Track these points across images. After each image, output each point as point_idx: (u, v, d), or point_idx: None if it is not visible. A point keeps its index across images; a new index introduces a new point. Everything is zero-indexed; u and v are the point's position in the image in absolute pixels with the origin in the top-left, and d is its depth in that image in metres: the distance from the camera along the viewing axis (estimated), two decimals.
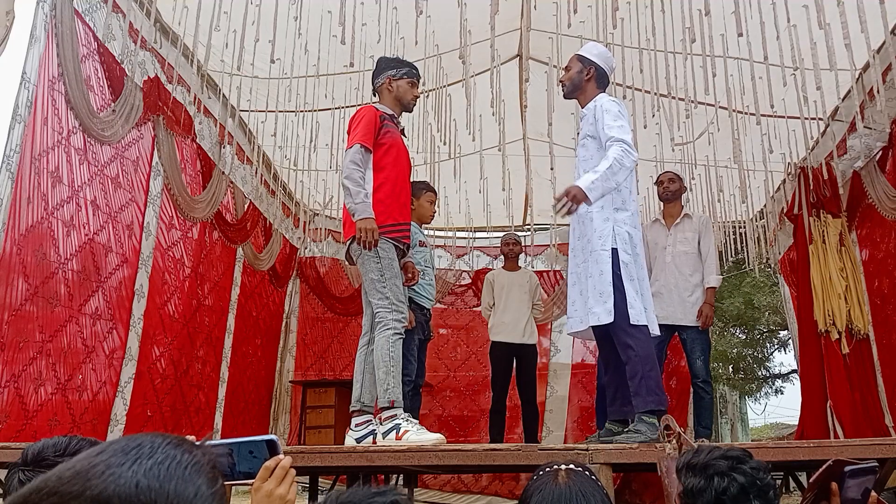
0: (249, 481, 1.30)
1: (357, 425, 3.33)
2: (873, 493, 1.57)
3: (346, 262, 3.51)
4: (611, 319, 3.22)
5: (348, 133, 3.45)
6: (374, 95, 3.67)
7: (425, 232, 4.85)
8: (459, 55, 4.33)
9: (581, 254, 3.43)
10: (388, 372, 3.18)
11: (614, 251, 3.27)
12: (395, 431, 3.07)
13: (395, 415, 3.13)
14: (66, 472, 0.76)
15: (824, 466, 1.51)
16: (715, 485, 1.46)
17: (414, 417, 4.57)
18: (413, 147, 6.00)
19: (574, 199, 3.13)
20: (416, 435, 3.02)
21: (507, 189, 6.48)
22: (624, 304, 3.22)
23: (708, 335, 4.90)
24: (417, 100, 3.65)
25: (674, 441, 1.63)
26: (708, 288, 4.85)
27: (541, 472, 1.52)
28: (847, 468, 1.50)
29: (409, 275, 3.93)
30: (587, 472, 1.51)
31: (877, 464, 1.56)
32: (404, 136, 3.61)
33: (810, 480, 1.52)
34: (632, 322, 3.20)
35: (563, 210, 3.15)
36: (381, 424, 3.16)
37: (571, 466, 1.51)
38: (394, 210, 3.35)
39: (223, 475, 1.29)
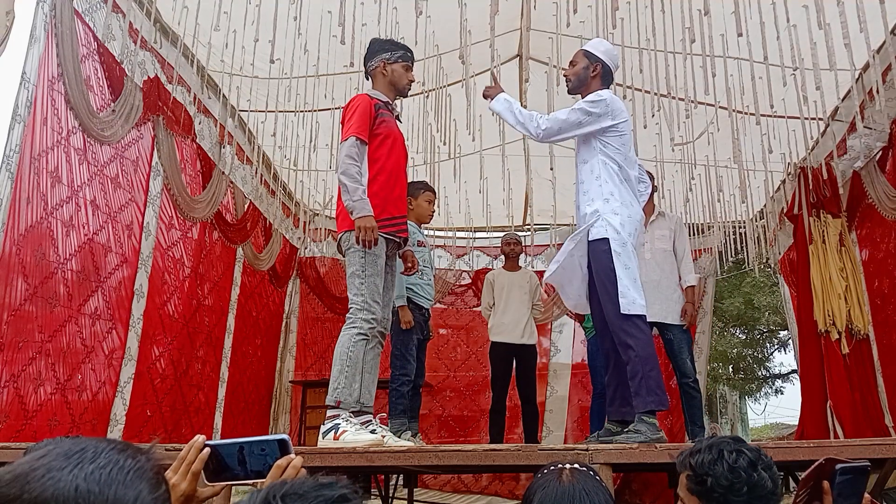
0: (259, 480, 1.29)
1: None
2: (867, 496, 1.57)
3: (340, 255, 3.43)
4: (587, 312, 3.28)
5: (342, 124, 3.36)
6: (367, 79, 3.57)
7: (425, 232, 4.85)
8: (459, 55, 4.33)
9: (576, 245, 3.45)
10: (342, 371, 3.11)
11: (605, 241, 3.28)
12: (333, 431, 3.02)
13: (338, 415, 3.07)
14: (6, 476, 0.76)
15: (815, 465, 1.51)
16: (726, 457, 1.55)
17: (414, 417, 4.58)
18: (413, 147, 6.00)
19: (489, 90, 3.59)
20: (353, 435, 2.97)
21: (507, 189, 6.49)
22: (616, 293, 3.22)
23: (689, 332, 4.94)
24: (412, 84, 3.54)
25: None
26: (688, 287, 4.88)
27: (545, 471, 1.53)
28: (838, 466, 1.49)
29: (409, 264, 3.89)
30: (591, 472, 1.52)
31: (868, 463, 1.56)
32: (399, 121, 3.52)
33: (801, 478, 1.52)
34: (622, 311, 3.20)
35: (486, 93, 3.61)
36: (323, 424, 3.12)
37: (576, 465, 1.52)
38: (388, 203, 3.27)
39: (235, 475, 1.29)
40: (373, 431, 3.18)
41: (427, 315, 4.61)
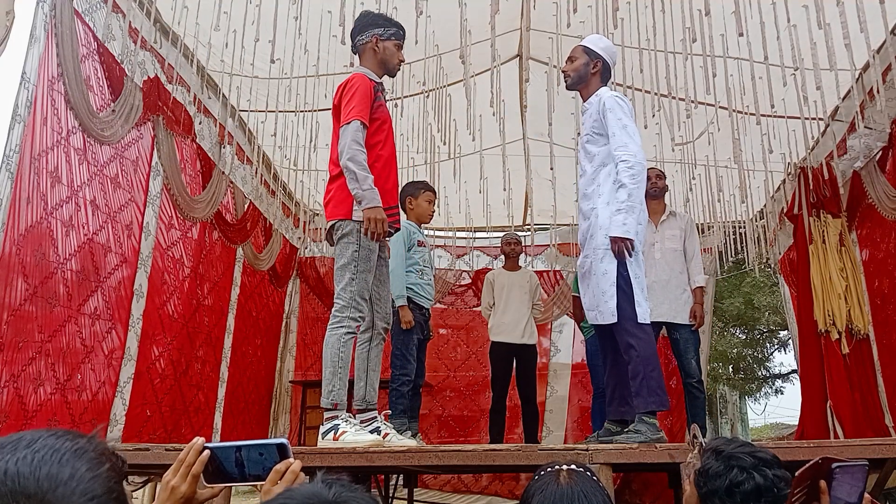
0: (258, 483, 1.29)
1: (363, 422, 3.32)
2: (867, 496, 1.55)
3: (329, 244, 3.28)
4: (614, 320, 3.21)
5: (336, 105, 3.22)
6: (354, 54, 3.42)
7: (424, 232, 4.85)
8: (459, 55, 4.33)
9: (586, 249, 3.43)
10: (334, 373, 3.04)
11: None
12: (333, 432, 2.99)
13: (337, 415, 3.04)
14: None
15: (811, 463, 1.49)
16: (732, 475, 1.47)
17: (414, 417, 4.58)
18: (413, 147, 6.01)
19: (622, 250, 3.20)
20: (354, 436, 2.95)
21: (507, 189, 6.48)
22: (631, 303, 3.21)
23: (698, 333, 4.94)
24: (402, 65, 3.40)
25: (696, 450, 1.63)
26: (696, 288, 4.88)
27: (542, 472, 1.52)
28: (835, 465, 1.47)
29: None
30: (588, 473, 1.51)
31: (867, 463, 1.53)
32: (385, 100, 3.40)
33: (796, 474, 1.49)
34: (639, 321, 3.19)
35: (621, 254, 3.23)
36: (322, 425, 3.10)
37: (573, 467, 1.52)
38: (385, 193, 3.17)
39: (233, 478, 1.29)
40: (377, 429, 3.17)
41: (427, 315, 4.61)
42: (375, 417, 3.31)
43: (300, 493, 0.96)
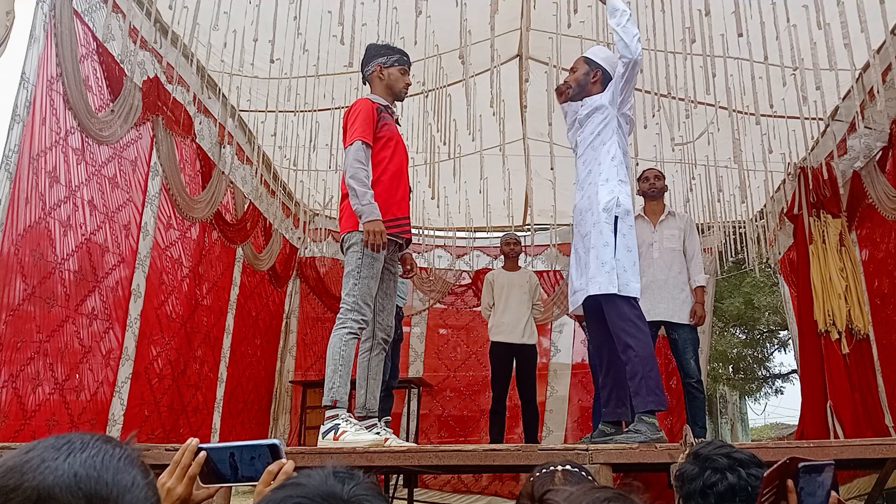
0: (252, 484, 1.29)
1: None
2: (834, 494, 1.55)
3: (342, 256, 3.45)
4: (615, 290, 3.20)
5: (344, 129, 3.40)
6: (364, 84, 3.61)
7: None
8: (459, 55, 4.32)
9: (585, 226, 3.41)
10: (335, 371, 3.13)
11: (616, 219, 3.29)
12: (333, 432, 3.04)
13: (337, 415, 3.09)
14: None
15: (778, 463, 1.49)
16: (705, 477, 1.50)
17: (386, 416, 4.57)
18: (413, 147, 5.99)
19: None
20: (354, 435, 3.00)
21: (507, 189, 6.48)
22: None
23: (697, 333, 4.93)
24: (409, 87, 3.58)
25: (687, 451, 1.64)
26: (697, 287, 4.88)
27: (537, 474, 1.52)
28: (801, 465, 1.47)
29: (408, 266, 3.90)
30: (583, 473, 1.51)
31: (833, 462, 1.53)
32: (399, 124, 3.57)
33: (764, 475, 1.49)
34: (620, 292, 3.19)
35: None
36: (322, 425, 3.13)
37: (567, 467, 1.52)
38: (391, 205, 3.32)
39: (227, 479, 1.29)
40: (377, 434, 3.19)
41: (400, 314, 4.59)
42: (376, 424, 3.32)
43: (313, 489, 0.86)
